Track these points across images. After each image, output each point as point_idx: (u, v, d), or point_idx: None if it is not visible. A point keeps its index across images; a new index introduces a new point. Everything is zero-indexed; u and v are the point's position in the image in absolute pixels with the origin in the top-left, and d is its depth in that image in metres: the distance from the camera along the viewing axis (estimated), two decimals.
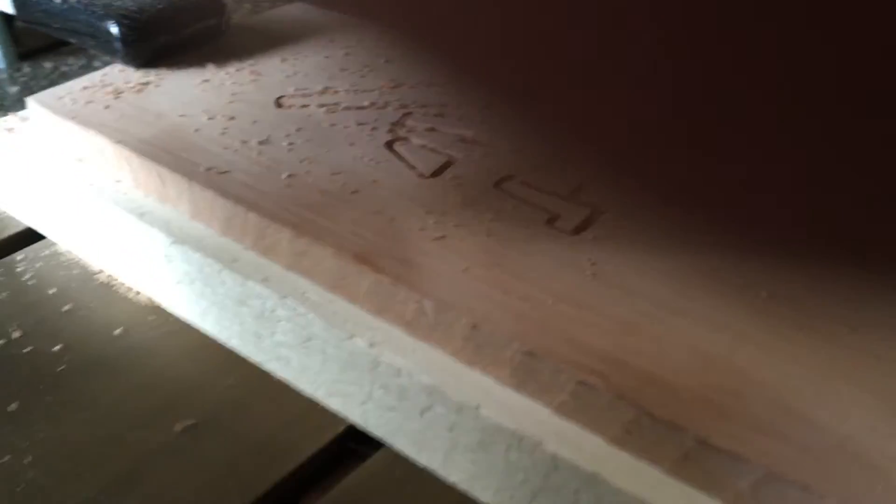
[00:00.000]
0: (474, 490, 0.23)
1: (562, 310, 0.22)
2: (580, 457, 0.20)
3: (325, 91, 0.34)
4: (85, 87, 0.34)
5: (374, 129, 0.31)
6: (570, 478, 0.20)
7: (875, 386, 0.20)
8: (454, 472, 0.23)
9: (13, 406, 0.26)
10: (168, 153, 0.29)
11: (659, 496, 0.19)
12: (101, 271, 0.32)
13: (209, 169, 0.29)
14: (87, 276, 0.32)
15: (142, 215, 0.29)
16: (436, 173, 0.28)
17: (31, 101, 0.33)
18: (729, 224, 0.25)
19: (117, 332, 0.29)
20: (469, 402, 0.22)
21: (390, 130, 0.31)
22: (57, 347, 0.28)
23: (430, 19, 0.25)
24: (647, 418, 0.19)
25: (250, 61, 0.36)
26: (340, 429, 0.26)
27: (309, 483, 0.25)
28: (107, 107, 0.33)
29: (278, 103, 0.33)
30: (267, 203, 0.27)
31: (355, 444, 0.25)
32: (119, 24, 0.34)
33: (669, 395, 0.20)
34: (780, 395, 0.20)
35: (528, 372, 0.21)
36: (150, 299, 0.31)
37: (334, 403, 0.26)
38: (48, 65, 0.47)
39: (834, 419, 0.19)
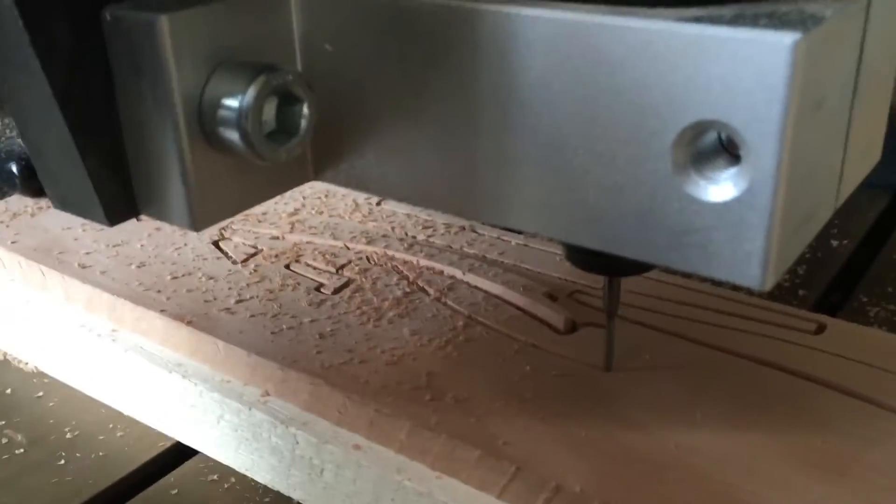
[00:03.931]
0: None
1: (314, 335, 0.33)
2: None
3: None
4: None
5: (205, 232, 0.42)
6: None
7: None
8: None
9: None
10: (49, 255, 0.40)
11: None
12: None
13: (79, 265, 0.39)
14: None
15: (28, 302, 0.39)
16: (245, 262, 0.40)
17: None
18: None
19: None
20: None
21: (219, 233, 0.42)
22: None
23: None
24: None
25: None
26: None
27: None
28: (6, 226, 0.43)
29: (137, 218, 0.44)
30: (117, 286, 0.37)
31: None
32: (17, 164, 0.45)
33: None
34: None
35: None
36: (35, 368, 0.40)
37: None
38: None
39: None
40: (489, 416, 0.29)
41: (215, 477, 0.34)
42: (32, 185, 0.46)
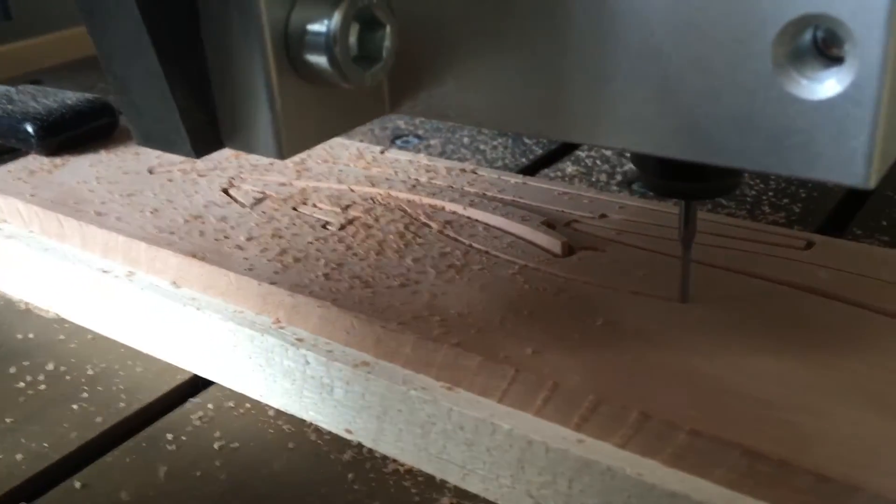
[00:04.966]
0: None
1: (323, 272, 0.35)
2: None
3: (184, 161, 0.46)
4: (9, 171, 0.46)
5: (215, 181, 0.44)
6: None
7: None
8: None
9: None
10: (66, 206, 0.42)
11: None
12: (20, 300, 0.43)
13: (95, 213, 0.41)
14: (9, 303, 0.43)
15: (47, 251, 0.41)
16: (254, 205, 0.41)
17: None
18: None
19: (21, 335, 0.41)
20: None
21: (229, 182, 0.44)
22: None
23: None
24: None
25: (133, 146, 0.49)
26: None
27: None
28: (24, 182, 0.45)
29: (150, 171, 0.46)
30: (132, 229, 0.39)
31: None
32: (33, 125, 0.47)
33: None
34: None
35: None
36: (56, 314, 0.42)
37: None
38: None
39: None
40: (489, 328, 0.30)
41: (231, 404, 0.35)
42: (48, 144, 0.47)
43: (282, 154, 0.24)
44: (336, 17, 0.23)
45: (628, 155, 0.56)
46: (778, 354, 0.28)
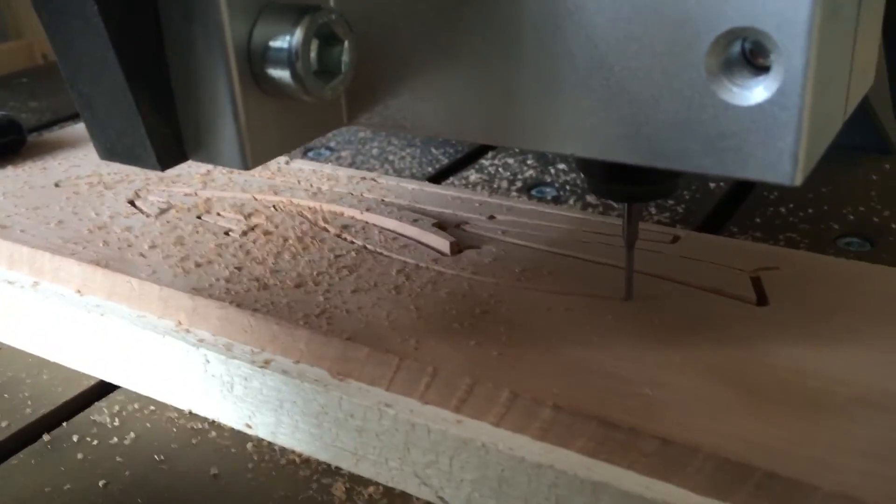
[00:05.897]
0: None
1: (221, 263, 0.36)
2: None
3: (91, 174, 0.47)
4: None
5: (121, 193, 0.45)
6: None
7: None
8: None
9: None
10: None
11: None
12: None
13: (0, 226, 0.42)
14: None
15: None
16: (159, 215, 0.42)
17: None
18: None
19: None
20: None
21: (135, 193, 0.45)
22: None
23: None
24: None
25: (41, 162, 0.50)
26: None
27: None
28: None
29: (56, 185, 0.46)
30: (37, 240, 0.40)
31: None
32: None
33: None
34: None
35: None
36: None
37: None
38: None
39: None
40: (377, 323, 0.33)
41: (136, 405, 0.37)
42: None
43: (246, 165, 0.25)
44: (297, 34, 0.24)
45: (529, 162, 0.59)
46: (636, 336, 0.31)
